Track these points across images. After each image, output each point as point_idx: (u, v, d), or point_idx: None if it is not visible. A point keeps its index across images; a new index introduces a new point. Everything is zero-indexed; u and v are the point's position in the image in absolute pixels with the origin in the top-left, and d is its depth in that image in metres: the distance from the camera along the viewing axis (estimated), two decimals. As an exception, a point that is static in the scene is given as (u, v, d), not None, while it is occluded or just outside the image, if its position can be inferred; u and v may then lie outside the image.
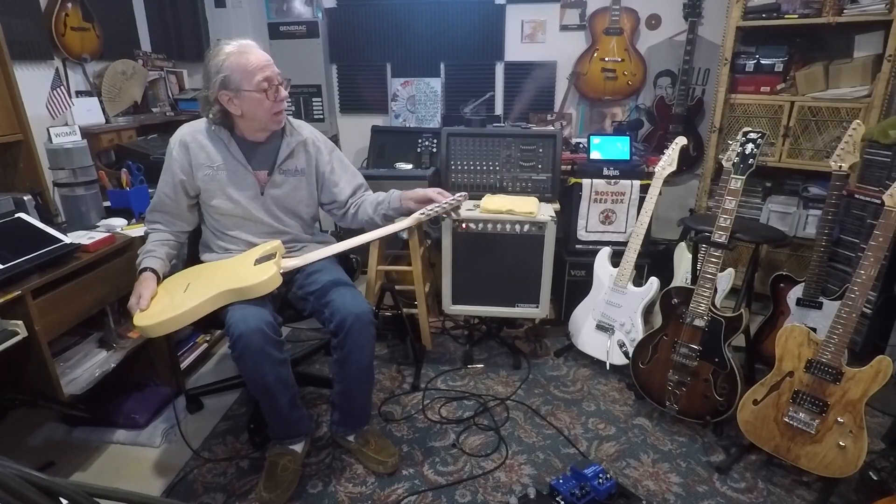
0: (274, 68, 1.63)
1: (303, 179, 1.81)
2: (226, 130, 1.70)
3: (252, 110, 1.63)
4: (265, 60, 1.61)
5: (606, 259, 2.38)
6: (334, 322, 1.63)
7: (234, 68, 1.57)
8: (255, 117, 1.66)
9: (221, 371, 2.36)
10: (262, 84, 1.59)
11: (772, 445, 1.70)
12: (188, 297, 1.58)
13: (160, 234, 1.76)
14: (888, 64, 2.30)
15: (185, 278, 1.70)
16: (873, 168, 2.18)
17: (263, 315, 1.55)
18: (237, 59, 1.57)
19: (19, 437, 1.94)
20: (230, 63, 1.57)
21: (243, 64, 1.57)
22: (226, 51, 1.58)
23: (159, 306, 1.58)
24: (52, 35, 2.33)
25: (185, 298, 1.58)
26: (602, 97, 3.15)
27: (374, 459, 1.76)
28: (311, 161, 1.82)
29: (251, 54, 1.59)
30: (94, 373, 1.79)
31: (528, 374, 2.33)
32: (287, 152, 1.76)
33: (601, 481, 1.54)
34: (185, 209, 1.77)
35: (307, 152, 1.81)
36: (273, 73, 1.62)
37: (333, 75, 3.40)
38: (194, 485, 1.73)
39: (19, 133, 1.91)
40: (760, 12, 2.55)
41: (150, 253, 1.69)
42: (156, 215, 1.77)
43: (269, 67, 1.61)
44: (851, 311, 1.54)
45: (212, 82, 1.59)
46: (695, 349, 1.86)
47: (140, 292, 1.59)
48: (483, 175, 2.52)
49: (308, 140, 1.82)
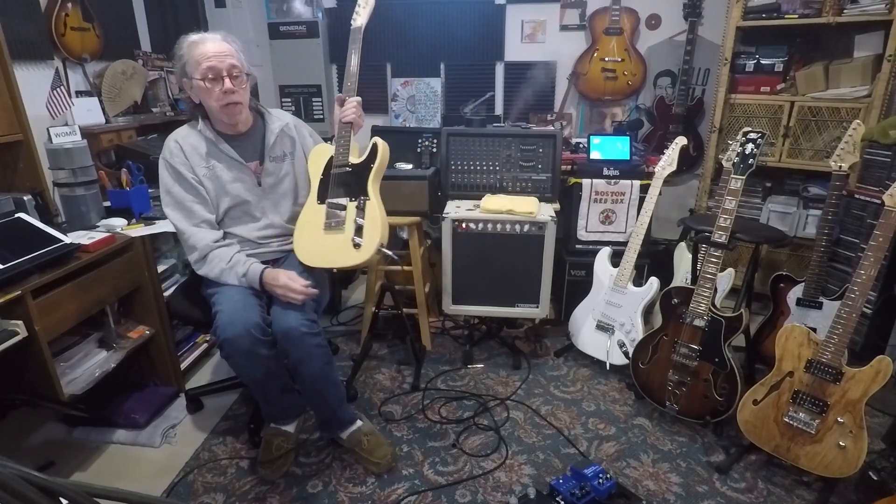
0: (226, 60, 1.61)
1: (292, 163, 1.84)
2: (210, 128, 1.72)
3: (203, 100, 1.66)
4: (215, 51, 1.61)
5: (606, 259, 2.38)
6: (275, 334, 1.65)
7: (188, 57, 1.62)
8: (208, 107, 1.68)
9: (221, 371, 2.36)
10: (206, 73, 1.60)
11: (772, 445, 1.70)
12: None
13: (225, 249, 1.70)
14: (888, 64, 2.30)
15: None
16: (873, 168, 2.18)
17: (250, 317, 1.58)
18: (191, 48, 1.62)
19: (19, 437, 1.94)
20: (186, 52, 1.63)
21: (195, 54, 1.61)
22: (188, 40, 1.63)
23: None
24: (52, 35, 2.33)
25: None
26: (602, 97, 3.15)
27: (366, 460, 1.77)
28: (295, 143, 1.85)
29: (205, 44, 1.61)
30: (94, 373, 1.79)
31: (528, 374, 2.33)
32: (272, 139, 1.79)
33: (601, 481, 1.54)
34: (211, 203, 1.73)
35: (290, 136, 1.84)
36: (219, 64, 1.60)
37: (333, 75, 3.41)
38: (194, 485, 1.73)
39: (19, 133, 1.91)
40: (760, 12, 2.55)
41: (245, 262, 1.68)
42: (198, 235, 1.68)
43: (216, 58, 1.60)
44: (851, 311, 1.54)
45: (177, 70, 1.67)
46: (695, 349, 1.86)
47: (286, 283, 1.62)
48: (483, 175, 2.52)
49: (289, 123, 1.85)
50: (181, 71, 1.65)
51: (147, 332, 2.03)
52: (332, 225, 1.75)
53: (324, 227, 1.75)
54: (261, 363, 1.62)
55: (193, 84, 1.63)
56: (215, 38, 1.64)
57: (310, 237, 1.77)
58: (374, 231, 1.71)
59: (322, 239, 1.74)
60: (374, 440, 1.81)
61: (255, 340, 1.57)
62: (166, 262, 2.18)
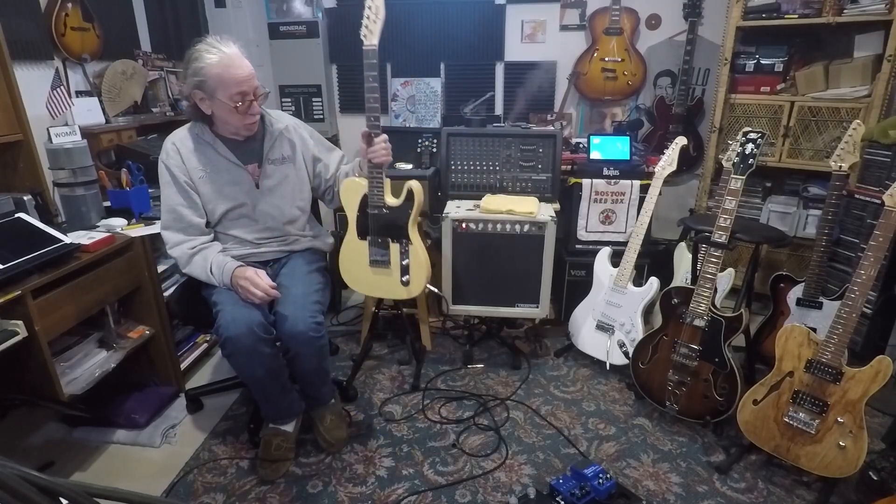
0: (253, 82, 1.62)
1: (291, 166, 1.83)
2: (208, 131, 1.71)
3: (222, 115, 1.65)
4: (246, 75, 1.60)
5: (606, 259, 2.38)
6: (280, 336, 1.66)
7: (213, 79, 1.57)
8: (226, 122, 1.67)
9: (221, 371, 2.36)
10: (235, 98, 1.59)
11: (772, 445, 1.70)
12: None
13: (206, 251, 1.71)
14: (888, 64, 2.30)
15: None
16: (873, 168, 2.18)
17: (254, 316, 1.59)
18: (218, 70, 1.56)
19: (19, 437, 1.94)
20: (210, 73, 1.56)
21: (224, 77, 1.57)
22: (208, 60, 1.56)
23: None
24: (52, 35, 2.33)
25: None
26: (602, 97, 3.15)
27: (321, 434, 1.84)
28: (295, 147, 1.84)
29: (233, 68, 1.57)
30: (94, 373, 1.79)
31: (528, 374, 2.33)
32: (271, 142, 1.78)
33: (601, 481, 1.54)
34: (202, 208, 1.74)
35: (290, 140, 1.83)
36: (250, 88, 1.61)
37: (333, 75, 3.41)
38: (194, 485, 1.73)
39: (19, 133, 1.91)
40: (760, 12, 2.55)
41: (226, 262, 1.68)
42: (177, 235, 1.71)
43: (247, 82, 1.60)
44: (851, 311, 1.54)
45: (188, 79, 1.60)
46: (695, 349, 1.86)
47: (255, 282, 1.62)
48: (483, 175, 2.52)
49: (289, 127, 1.84)
50: (196, 84, 1.59)
51: (147, 332, 2.03)
52: (377, 262, 1.92)
53: (369, 262, 1.92)
54: (262, 362, 1.62)
55: (217, 102, 1.60)
56: (237, 56, 1.59)
57: (358, 269, 1.95)
58: (421, 272, 1.90)
59: (370, 273, 1.93)
60: (336, 421, 1.86)
61: (258, 339, 1.58)
62: (166, 262, 2.18)
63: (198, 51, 1.58)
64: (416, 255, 1.87)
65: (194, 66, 1.57)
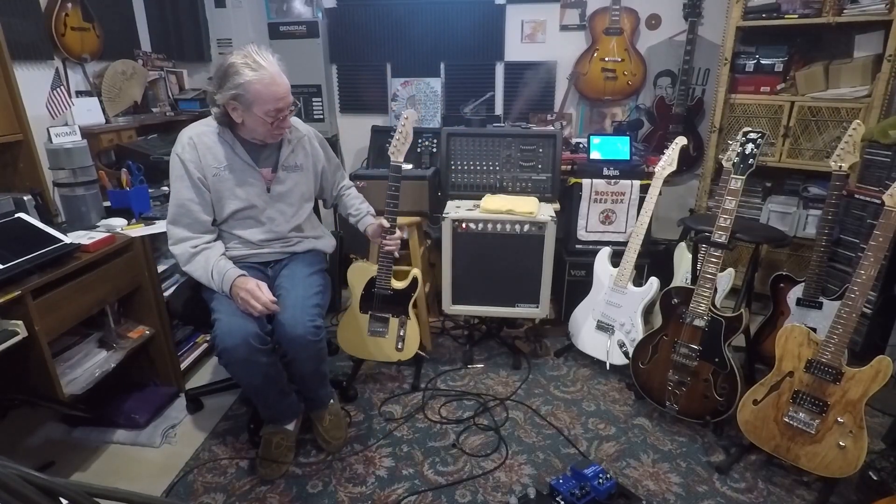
0: (289, 98, 1.63)
1: (303, 174, 1.85)
2: (229, 132, 1.71)
3: (253, 125, 1.65)
4: (284, 93, 1.60)
5: (606, 259, 2.38)
6: (278, 339, 1.67)
7: (253, 93, 1.56)
8: (254, 130, 1.67)
9: (221, 371, 2.36)
10: (271, 113, 1.60)
11: (772, 445, 1.70)
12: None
13: (209, 251, 1.70)
14: (888, 64, 2.30)
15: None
16: (873, 168, 2.18)
17: (249, 327, 1.59)
18: (259, 88, 1.55)
19: (19, 437, 1.94)
20: (250, 89, 1.55)
21: (264, 95, 1.56)
22: (249, 77, 1.54)
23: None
24: (52, 35, 2.33)
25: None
26: (602, 97, 3.15)
27: (321, 435, 1.85)
28: (308, 156, 1.87)
29: (274, 86, 1.57)
30: (94, 373, 1.79)
31: (528, 374, 2.33)
32: (289, 150, 1.80)
33: (601, 481, 1.54)
34: (211, 205, 1.73)
35: (304, 148, 1.85)
36: (286, 105, 1.62)
37: (333, 75, 3.40)
38: (194, 485, 1.73)
39: (19, 133, 1.91)
40: (760, 12, 2.55)
41: (227, 269, 1.66)
42: (182, 231, 1.69)
43: (284, 99, 1.61)
44: (851, 311, 1.54)
45: (224, 89, 1.57)
46: (695, 349, 1.86)
47: (256, 295, 1.61)
48: (483, 175, 2.52)
49: (305, 136, 1.86)
50: (233, 96, 1.57)
51: (147, 332, 2.03)
52: (376, 333, 2.12)
53: (368, 332, 2.12)
54: (259, 370, 1.63)
55: (251, 115, 1.60)
56: (278, 73, 1.59)
57: (356, 336, 2.15)
58: (414, 342, 2.13)
59: (367, 340, 2.14)
60: (335, 421, 1.87)
61: (253, 349, 1.58)
62: (166, 262, 2.18)
63: (236, 65, 1.55)
64: (412, 327, 2.11)
65: (234, 80, 1.55)
